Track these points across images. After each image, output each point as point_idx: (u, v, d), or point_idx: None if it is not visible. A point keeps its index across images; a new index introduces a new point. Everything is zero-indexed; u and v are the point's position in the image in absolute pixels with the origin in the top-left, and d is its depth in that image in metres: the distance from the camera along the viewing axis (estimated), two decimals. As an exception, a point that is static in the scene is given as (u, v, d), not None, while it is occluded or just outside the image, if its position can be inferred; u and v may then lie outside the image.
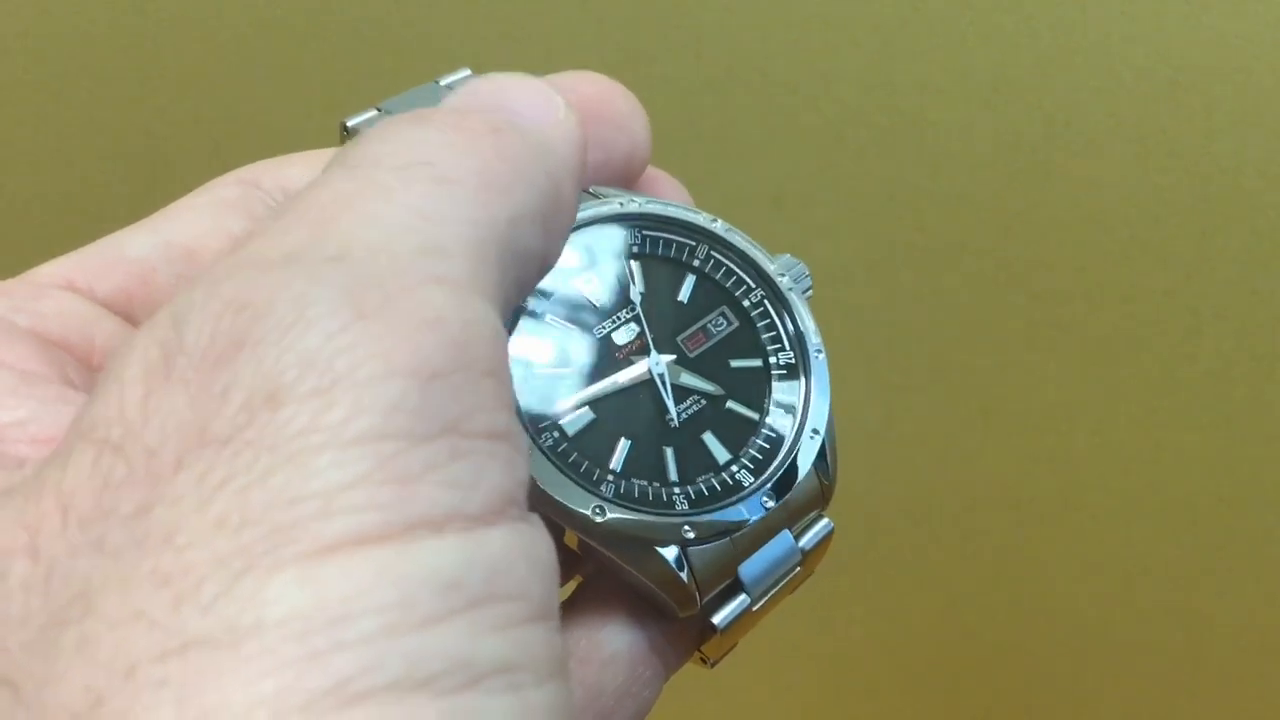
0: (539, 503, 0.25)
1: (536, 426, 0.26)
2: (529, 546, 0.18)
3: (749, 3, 0.55)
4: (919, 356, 0.63)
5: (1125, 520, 0.64)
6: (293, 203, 0.19)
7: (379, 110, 0.27)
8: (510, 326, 0.26)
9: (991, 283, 0.61)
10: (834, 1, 0.55)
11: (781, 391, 0.29)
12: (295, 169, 0.27)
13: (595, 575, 0.28)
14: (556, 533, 0.26)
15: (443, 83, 0.29)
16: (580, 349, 0.28)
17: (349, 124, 0.28)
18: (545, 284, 0.28)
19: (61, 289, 0.24)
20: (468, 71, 0.29)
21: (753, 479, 0.28)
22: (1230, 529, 0.63)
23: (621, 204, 0.29)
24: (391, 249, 0.18)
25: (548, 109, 0.23)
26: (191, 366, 0.17)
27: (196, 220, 0.25)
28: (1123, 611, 0.66)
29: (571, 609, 0.27)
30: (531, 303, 0.27)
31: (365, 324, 0.17)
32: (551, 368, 0.27)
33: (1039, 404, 0.62)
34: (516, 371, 0.26)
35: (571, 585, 0.29)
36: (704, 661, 0.29)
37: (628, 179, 0.30)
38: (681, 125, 0.57)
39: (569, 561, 0.28)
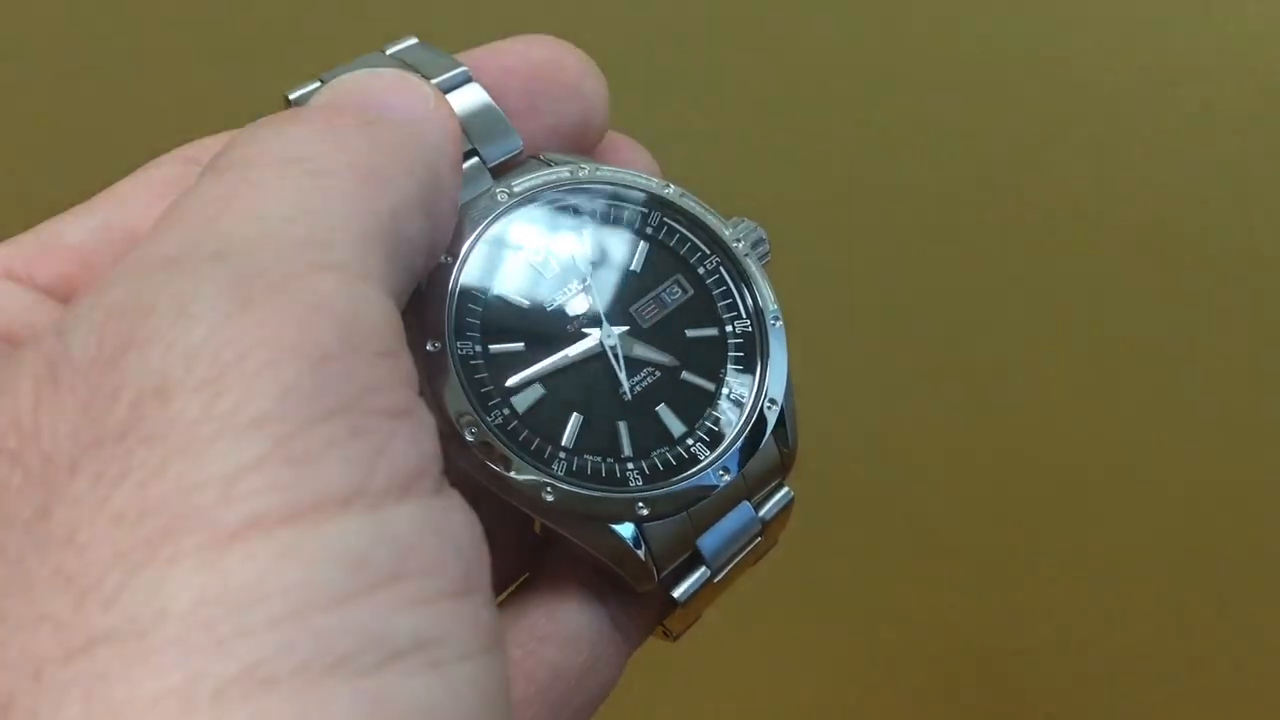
0: (489, 482, 0.25)
1: (485, 404, 0.25)
2: (442, 521, 0.18)
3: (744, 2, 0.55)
4: (919, 356, 0.63)
5: (1125, 520, 0.63)
6: (169, 210, 0.19)
7: (322, 82, 0.26)
8: (454, 300, 0.26)
9: (992, 283, 0.60)
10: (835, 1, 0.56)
11: (738, 361, 0.29)
12: None
13: (555, 554, 0.28)
14: (524, 519, 0.26)
15: (389, 51, 0.28)
16: (529, 323, 0.27)
17: (291, 97, 0.27)
18: (492, 256, 0.27)
19: (0, 278, 0.24)
20: (414, 40, 0.28)
21: (709, 452, 0.27)
22: (1230, 529, 0.62)
23: (571, 171, 0.28)
24: (273, 242, 0.18)
25: (418, 100, 0.23)
26: (79, 374, 0.17)
27: (137, 201, 0.25)
28: (1122, 611, 0.66)
29: (531, 589, 0.27)
30: (478, 276, 0.27)
31: (249, 314, 0.17)
32: (499, 343, 0.26)
33: (1039, 404, 0.62)
34: (464, 349, 0.26)
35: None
36: (667, 635, 0.29)
37: (584, 145, 0.29)
38: (675, 122, 0.57)
39: (536, 545, 0.28)
